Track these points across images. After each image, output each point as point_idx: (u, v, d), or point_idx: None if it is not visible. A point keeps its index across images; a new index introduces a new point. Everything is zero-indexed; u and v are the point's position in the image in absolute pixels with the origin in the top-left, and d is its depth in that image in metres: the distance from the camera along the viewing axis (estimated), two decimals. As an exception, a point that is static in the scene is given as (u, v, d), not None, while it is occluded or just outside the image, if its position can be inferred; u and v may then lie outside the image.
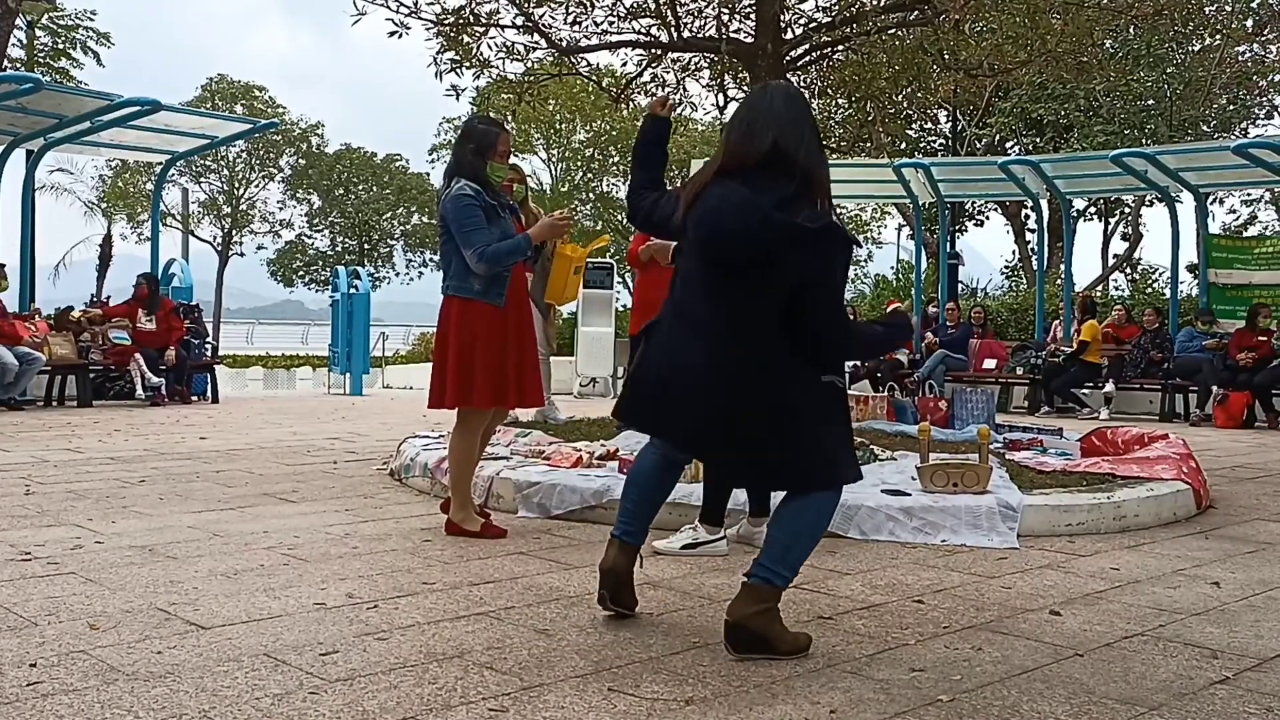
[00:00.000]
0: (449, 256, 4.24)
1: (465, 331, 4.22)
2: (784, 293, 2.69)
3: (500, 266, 4.18)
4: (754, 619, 2.71)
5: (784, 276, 2.68)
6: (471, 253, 4.13)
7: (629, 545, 3.02)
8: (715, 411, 2.74)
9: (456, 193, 4.19)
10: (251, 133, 16.95)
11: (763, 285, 2.71)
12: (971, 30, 7.98)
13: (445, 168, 4.39)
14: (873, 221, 34.99)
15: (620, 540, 3.02)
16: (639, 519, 3.03)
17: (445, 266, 4.29)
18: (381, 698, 2.39)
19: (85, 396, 11.28)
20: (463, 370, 4.22)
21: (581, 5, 7.42)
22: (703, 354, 2.75)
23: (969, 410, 7.75)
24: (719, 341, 2.74)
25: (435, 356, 4.43)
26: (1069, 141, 22.65)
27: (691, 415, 2.77)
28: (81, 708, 2.29)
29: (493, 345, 4.24)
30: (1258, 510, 5.41)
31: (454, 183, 4.23)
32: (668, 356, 2.84)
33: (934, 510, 4.43)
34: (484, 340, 4.22)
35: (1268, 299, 12.42)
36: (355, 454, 7.10)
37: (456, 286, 4.24)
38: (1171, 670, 2.73)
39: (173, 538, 4.15)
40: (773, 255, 2.67)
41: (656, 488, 3.07)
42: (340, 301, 15.33)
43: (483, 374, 4.21)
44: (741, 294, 2.73)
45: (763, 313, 2.71)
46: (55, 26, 28.33)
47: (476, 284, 4.21)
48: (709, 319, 2.77)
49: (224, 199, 38.81)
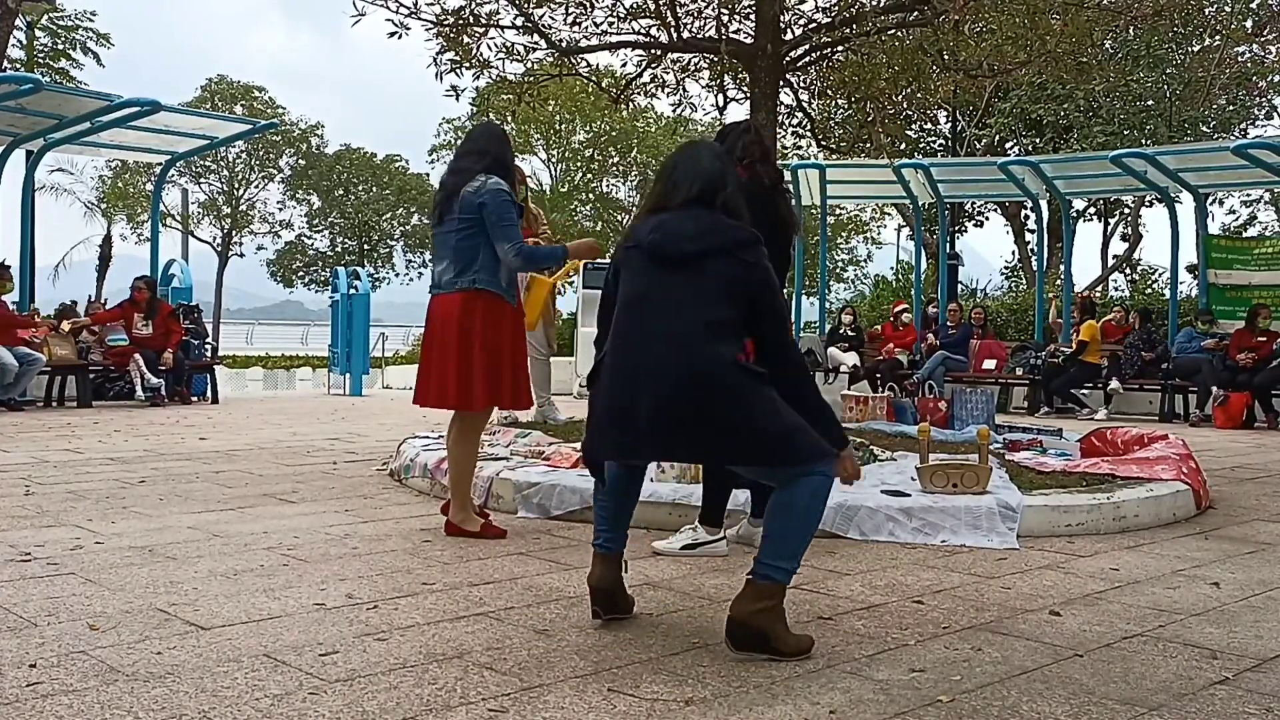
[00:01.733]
0: (473, 250, 4.10)
1: (494, 330, 4.15)
2: (722, 286, 2.82)
3: (532, 267, 4.19)
4: (755, 616, 2.71)
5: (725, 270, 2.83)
6: (510, 246, 4.07)
7: (612, 554, 3.05)
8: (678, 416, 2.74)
9: (496, 188, 4.11)
10: (251, 133, 16.96)
11: (704, 279, 2.82)
12: (971, 31, 7.99)
13: (464, 163, 4.20)
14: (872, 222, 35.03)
15: (602, 551, 3.05)
16: (615, 526, 3.07)
17: (463, 260, 4.11)
18: (381, 698, 2.39)
19: (85, 397, 11.28)
20: (492, 370, 4.15)
21: (581, 6, 7.43)
22: (655, 362, 2.77)
23: (969, 411, 7.75)
24: (669, 344, 2.77)
25: (442, 351, 4.19)
26: (1068, 142, 22.66)
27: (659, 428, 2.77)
28: (81, 708, 2.29)
29: (520, 347, 4.25)
30: (1257, 511, 5.41)
31: (488, 178, 4.12)
32: (621, 381, 2.84)
33: (934, 511, 4.44)
34: (513, 340, 4.20)
35: (1267, 299, 12.42)
36: (355, 454, 7.10)
37: (486, 280, 4.12)
38: (1171, 670, 2.73)
39: (172, 538, 4.15)
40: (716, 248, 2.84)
41: (625, 494, 3.10)
42: (340, 302, 15.33)
43: (511, 374, 4.20)
44: (686, 292, 2.82)
45: (707, 309, 2.79)
46: (55, 27, 28.35)
47: (504, 280, 4.15)
48: (667, 319, 2.81)
49: (224, 199, 38.83)
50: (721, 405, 2.72)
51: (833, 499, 4.33)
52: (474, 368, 4.13)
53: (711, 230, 2.89)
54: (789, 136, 19.13)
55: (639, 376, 2.78)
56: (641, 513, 4.37)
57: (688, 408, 2.73)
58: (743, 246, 2.88)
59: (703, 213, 2.94)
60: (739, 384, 2.73)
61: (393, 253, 42.25)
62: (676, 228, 2.91)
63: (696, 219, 2.92)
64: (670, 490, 4.57)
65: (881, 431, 6.81)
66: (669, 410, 2.74)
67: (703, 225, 2.89)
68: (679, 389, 2.73)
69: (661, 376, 2.75)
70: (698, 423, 2.74)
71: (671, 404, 2.73)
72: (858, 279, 35.53)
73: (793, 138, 19.68)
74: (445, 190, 4.21)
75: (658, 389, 2.75)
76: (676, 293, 2.84)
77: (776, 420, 2.75)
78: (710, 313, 2.80)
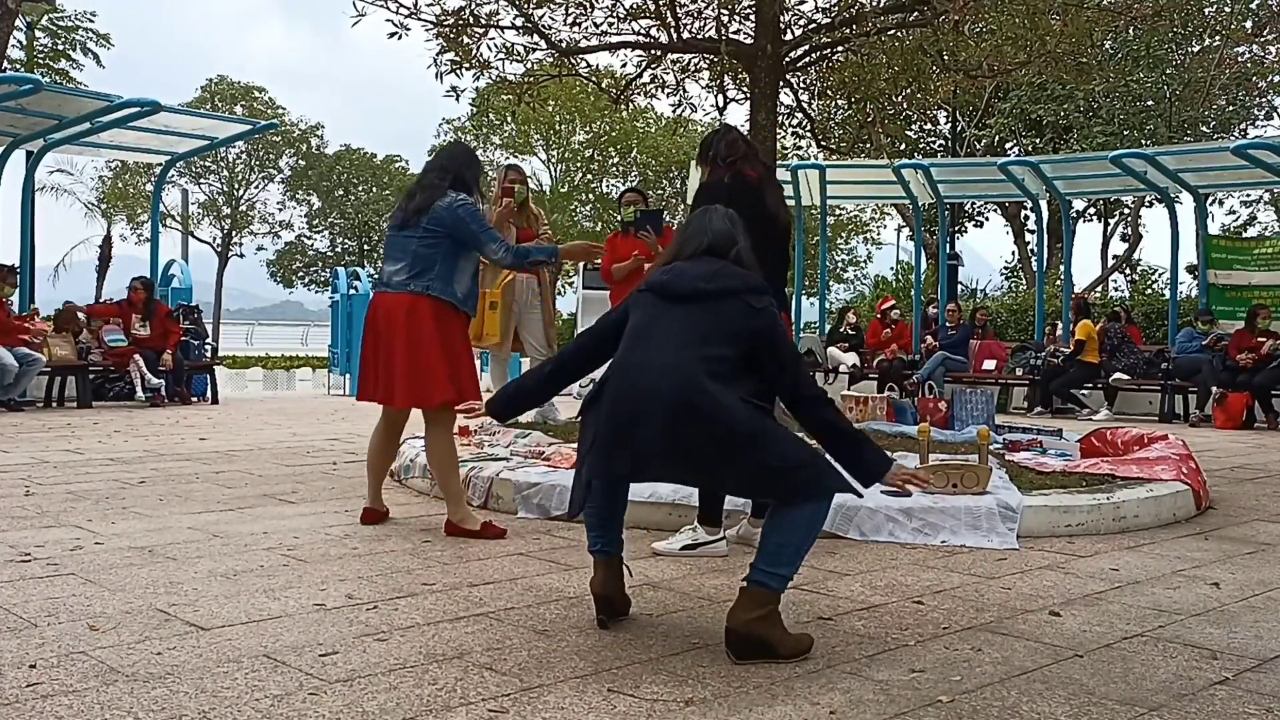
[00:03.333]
0: (431, 259, 4.26)
1: (445, 327, 4.30)
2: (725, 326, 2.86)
3: (525, 264, 4.38)
4: (753, 625, 2.71)
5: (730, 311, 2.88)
6: (498, 245, 4.29)
7: (612, 558, 3.07)
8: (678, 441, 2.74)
9: (465, 202, 4.31)
10: (251, 133, 16.97)
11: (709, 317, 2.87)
12: (971, 31, 7.99)
13: (432, 179, 4.39)
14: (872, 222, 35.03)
15: (602, 556, 3.06)
16: (608, 529, 3.08)
17: (419, 266, 4.26)
18: (381, 699, 2.39)
19: (85, 397, 11.28)
20: (448, 365, 4.29)
21: (581, 6, 7.43)
22: (652, 390, 2.77)
23: (968, 411, 7.75)
24: (666, 375, 2.77)
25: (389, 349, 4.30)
26: (1068, 142, 22.67)
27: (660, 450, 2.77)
28: (81, 709, 2.29)
29: (467, 347, 4.44)
30: (1257, 511, 5.41)
31: (456, 195, 4.32)
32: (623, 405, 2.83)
33: (934, 511, 4.44)
34: (461, 340, 4.39)
35: (1267, 300, 12.42)
36: (355, 455, 7.10)
37: (441, 289, 4.27)
38: (1171, 671, 2.73)
39: (172, 539, 4.15)
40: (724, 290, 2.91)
41: (611, 498, 3.09)
42: (340, 302, 15.35)
43: (467, 370, 4.35)
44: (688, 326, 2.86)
45: (708, 345, 2.82)
46: (55, 27, 28.33)
47: (460, 291, 4.33)
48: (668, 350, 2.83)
49: (223, 200, 38.83)
50: (721, 436, 2.71)
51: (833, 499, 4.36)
52: (431, 365, 4.26)
53: (721, 274, 2.96)
54: (789, 137, 19.15)
55: (639, 401, 2.78)
56: (641, 513, 4.41)
57: (686, 435, 2.73)
58: (751, 292, 2.93)
59: (714, 260, 3.02)
60: (736, 417, 2.72)
61: (392, 253, 42.20)
62: (687, 270, 2.99)
63: (708, 264, 3.00)
64: (670, 491, 4.57)
65: (881, 432, 6.82)
66: (668, 435, 2.74)
67: (713, 269, 2.97)
68: (676, 416, 2.73)
69: (659, 403, 2.75)
70: (698, 449, 2.74)
71: (670, 430, 2.73)
72: (858, 279, 35.55)
73: (793, 138, 19.70)
74: (414, 201, 4.37)
75: (657, 414, 2.74)
76: (679, 326, 2.87)
77: (777, 454, 2.74)
78: (710, 349, 2.81)
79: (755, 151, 4.40)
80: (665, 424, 2.73)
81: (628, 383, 2.85)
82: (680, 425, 2.73)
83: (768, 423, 2.78)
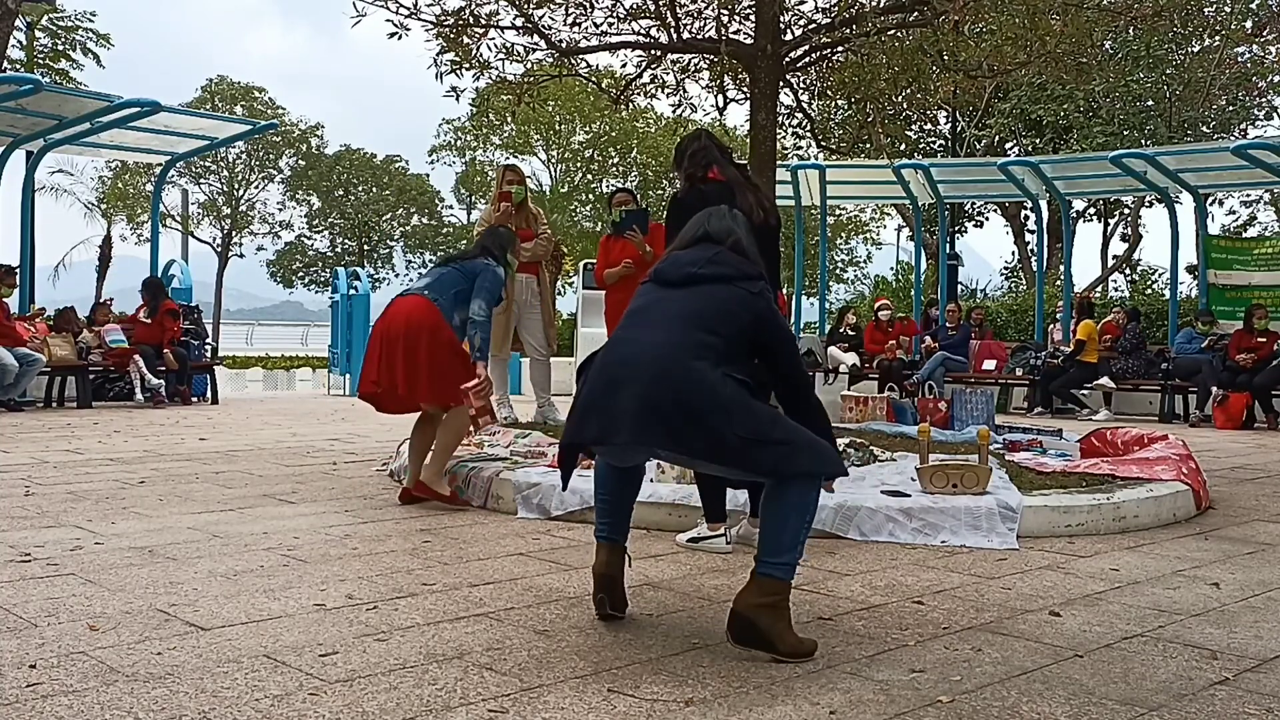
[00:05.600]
0: (455, 293, 5.04)
1: (455, 339, 5.01)
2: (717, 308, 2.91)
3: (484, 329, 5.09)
4: (757, 610, 2.72)
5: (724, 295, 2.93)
6: (484, 305, 5.07)
7: (616, 544, 3.10)
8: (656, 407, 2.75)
9: (496, 270, 5.21)
10: (251, 134, 16.97)
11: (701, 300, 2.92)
12: (971, 31, 7.98)
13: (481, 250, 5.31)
14: (872, 222, 35.05)
15: (606, 541, 3.09)
16: (615, 516, 3.12)
17: (444, 290, 5.03)
18: (381, 699, 2.39)
19: (85, 398, 11.29)
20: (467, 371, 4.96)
21: (581, 6, 7.42)
22: (636, 362, 2.80)
23: (968, 411, 7.76)
24: (654, 350, 2.80)
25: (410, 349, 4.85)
26: (1068, 142, 22.68)
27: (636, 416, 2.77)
28: (81, 709, 2.29)
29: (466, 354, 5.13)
30: (1257, 511, 5.41)
31: (491, 262, 5.21)
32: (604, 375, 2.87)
33: (934, 511, 4.44)
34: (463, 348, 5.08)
35: (1267, 300, 12.43)
36: (355, 455, 7.10)
37: (448, 312, 4.98)
38: (1171, 671, 2.73)
39: (172, 539, 4.15)
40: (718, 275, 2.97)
41: (620, 485, 3.13)
42: (340, 303, 15.35)
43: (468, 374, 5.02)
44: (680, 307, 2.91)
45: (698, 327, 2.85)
46: (55, 28, 28.32)
47: (457, 320, 5.05)
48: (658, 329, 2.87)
49: (223, 200, 38.86)
50: (694, 403, 2.72)
51: (833, 499, 4.37)
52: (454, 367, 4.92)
53: (715, 260, 3.01)
54: (789, 137, 19.14)
55: (620, 369, 2.83)
56: (641, 514, 4.39)
57: (659, 398, 2.74)
58: (746, 278, 2.97)
59: (710, 246, 3.07)
60: (715, 389, 2.72)
61: (392, 253, 42.27)
62: (681, 257, 3.07)
63: (702, 250, 3.06)
64: (670, 491, 4.57)
65: (881, 432, 6.81)
66: (641, 399, 2.75)
67: (707, 255, 3.03)
68: (652, 380, 2.75)
69: (639, 371, 2.78)
70: (674, 416, 2.73)
71: (643, 395, 2.75)
72: (858, 279, 35.56)
73: (793, 138, 19.69)
74: (467, 257, 5.31)
75: (635, 380, 2.77)
76: (674, 308, 2.91)
77: (750, 426, 2.73)
78: (701, 331, 2.83)
79: (728, 154, 4.45)
80: (640, 390, 2.76)
81: (615, 356, 2.90)
82: (654, 389, 2.74)
83: (746, 396, 2.78)
